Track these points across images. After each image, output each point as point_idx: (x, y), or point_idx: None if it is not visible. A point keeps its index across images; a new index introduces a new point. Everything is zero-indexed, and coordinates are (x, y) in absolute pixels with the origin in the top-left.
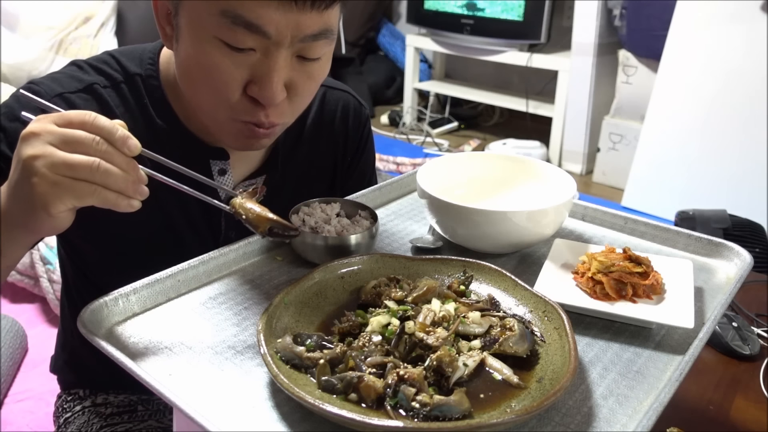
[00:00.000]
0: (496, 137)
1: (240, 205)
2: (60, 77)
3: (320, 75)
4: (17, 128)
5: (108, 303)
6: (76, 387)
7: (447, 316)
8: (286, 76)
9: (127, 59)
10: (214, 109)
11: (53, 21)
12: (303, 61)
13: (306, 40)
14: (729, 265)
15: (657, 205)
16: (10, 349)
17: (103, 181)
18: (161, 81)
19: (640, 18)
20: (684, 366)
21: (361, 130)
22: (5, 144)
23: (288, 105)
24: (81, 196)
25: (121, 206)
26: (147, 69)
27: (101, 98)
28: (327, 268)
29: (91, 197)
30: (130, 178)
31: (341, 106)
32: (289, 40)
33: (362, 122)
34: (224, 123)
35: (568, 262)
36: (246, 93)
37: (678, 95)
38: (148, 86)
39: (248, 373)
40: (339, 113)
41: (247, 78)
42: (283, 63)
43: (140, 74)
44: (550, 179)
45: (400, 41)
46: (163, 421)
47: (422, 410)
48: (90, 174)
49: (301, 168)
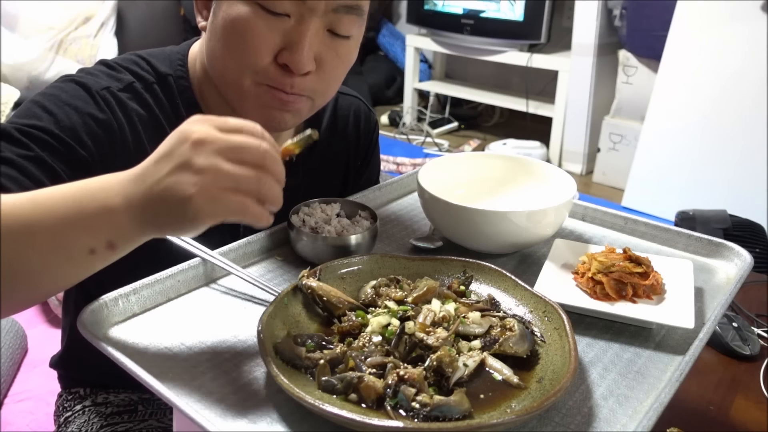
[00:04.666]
0: (496, 137)
1: None
2: (97, 73)
3: (348, 57)
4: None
5: (108, 303)
6: (77, 386)
7: (447, 317)
8: (316, 48)
9: (157, 60)
10: (241, 75)
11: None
12: (333, 36)
13: (339, 11)
14: (729, 265)
15: (657, 205)
16: (10, 349)
17: (265, 194)
18: (191, 81)
19: (640, 18)
20: (684, 366)
21: (370, 136)
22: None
23: (315, 80)
24: (234, 213)
25: (264, 222)
26: (177, 70)
27: (141, 97)
28: (327, 268)
29: (243, 215)
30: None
31: (353, 112)
32: (323, 7)
33: (372, 128)
34: (249, 89)
35: (568, 262)
36: (276, 61)
37: (678, 95)
38: (179, 87)
39: (248, 373)
40: (351, 118)
41: (280, 44)
42: (314, 32)
43: (171, 75)
44: (550, 179)
45: (400, 41)
46: (163, 421)
47: (422, 410)
48: (254, 187)
49: (316, 171)
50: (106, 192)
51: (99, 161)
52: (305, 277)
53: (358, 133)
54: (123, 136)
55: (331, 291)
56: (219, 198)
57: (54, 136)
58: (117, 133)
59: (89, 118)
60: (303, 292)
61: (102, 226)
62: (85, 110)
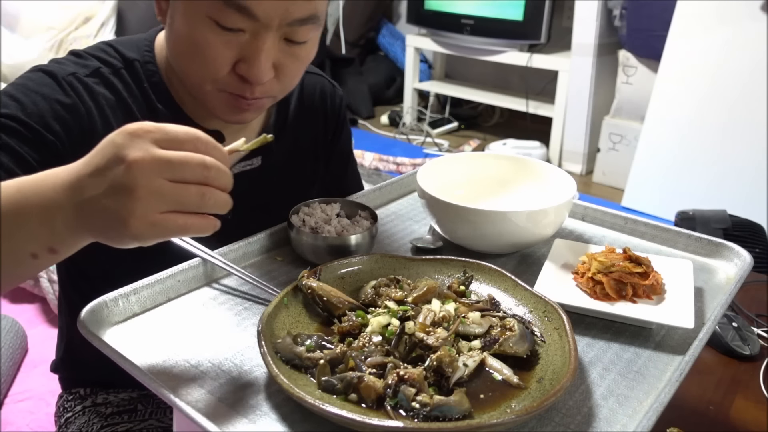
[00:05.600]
0: (496, 137)
1: None
2: (64, 62)
3: (307, 57)
4: (35, 100)
5: (108, 303)
6: (77, 386)
7: (447, 317)
8: (274, 56)
9: (124, 47)
10: (201, 82)
11: (53, 21)
12: (290, 43)
13: (294, 24)
14: (729, 265)
15: (657, 205)
16: (10, 349)
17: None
18: (158, 66)
19: (640, 18)
20: (684, 366)
21: (338, 111)
22: (23, 113)
23: (275, 83)
24: (176, 233)
25: (209, 232)
26: (144, 55)
27: (108, 82)
28: (327, 268)
29: (186, 233)
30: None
31: (319, 89)
32: (277, 23)
33: (338, 102)
34: (211, 93)
35: (568, 262)
36: (234, 70)
37: (678, 95)
38: (146, 71)
39: (248, 373)
40: (317, 95)
41: (236, 56)
42: (270, 44)
43: (138, 60)
44: (550, 179)
45: (400, 41)
46: (163, 421)
47: (422, 410)
48: (198, 205)
49: (289, 150)
50: (42, 199)
51: (68, 146)
52: (305, 277)
53: (325, 108)
54: (91, 120)
55: (331, 291)
56: (159, 222)
57: (21, 122)
58: (85, 117)
59: (56, 104)
60: (303, 292)
61: (41, 234)
62: (52, 96)
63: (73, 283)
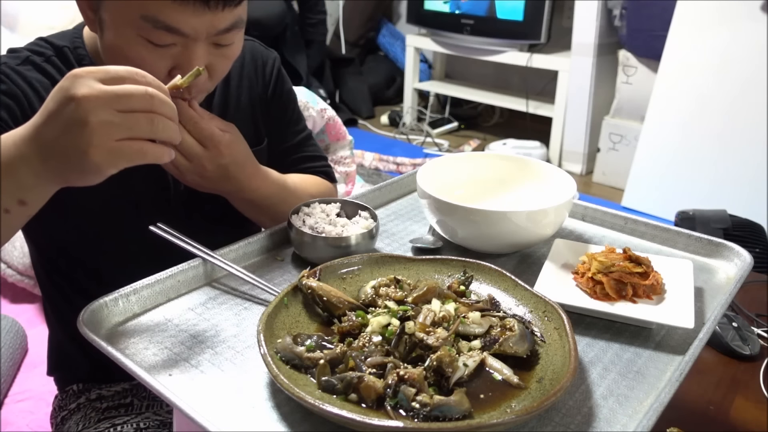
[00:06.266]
0: (496, 137)
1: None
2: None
3: (235, 54)
4: None
5: (108, 303)
6: (70, 383)
7: (447, 317)
8: (206, 61)
9: (55, 38)
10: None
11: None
12: (219, 47)
13: (220, 33)
14: (729, 265)
15: (657, 205)
16: (10, 349)
17: (160, 135)
18: (88, 51)
19: (640, 18)
20: (684, 366)
21: (270, 70)
22: None
23: (207, 81)
24: (134, 159)
25: (165, 158)
26: (74, 41)
27: (40, 67)
28: (327, 268)
29: (144, 158)
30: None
31: (249, 52)
32: (205, 35)
33: (272, 61)
34: None
35: (568, 262)
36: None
37: (678, 95)
38: (77, 56)
39: (248, 373)
40: (248, 57)
41: (170, 66)
42: (201, 53)
43: (68, 47)
44: (550, 179)
45: (400, 41)
46: (160, 414)
47: (422, 410)
48: (149, 131)
49: (232, 112)
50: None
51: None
52: (305, 277)
53: (255, 67)
54: (30, 102)
55: (331, 291)
56: (116, 149)
57: None
58: (23, 100)
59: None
60: (303, 292)
61: (9, 188)
62: None
63: (53, 283)
